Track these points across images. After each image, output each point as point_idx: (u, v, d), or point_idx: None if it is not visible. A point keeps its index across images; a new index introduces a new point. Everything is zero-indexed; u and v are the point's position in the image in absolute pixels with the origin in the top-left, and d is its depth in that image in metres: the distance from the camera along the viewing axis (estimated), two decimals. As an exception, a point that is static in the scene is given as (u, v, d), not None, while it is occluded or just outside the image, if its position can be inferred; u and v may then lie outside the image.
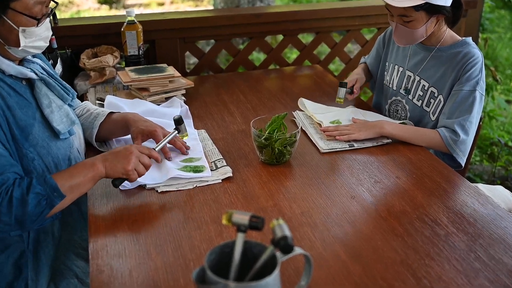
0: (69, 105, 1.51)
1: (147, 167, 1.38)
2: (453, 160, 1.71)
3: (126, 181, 1.38)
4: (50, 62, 2.01)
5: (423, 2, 1.61)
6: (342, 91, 1.95)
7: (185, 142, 1.63)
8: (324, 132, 1.75)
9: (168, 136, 1.52)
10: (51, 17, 2.18)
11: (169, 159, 1.54)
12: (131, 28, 2.16)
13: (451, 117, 1.71)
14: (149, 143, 1.60)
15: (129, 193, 1.42)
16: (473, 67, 1.70)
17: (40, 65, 1.45)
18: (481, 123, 1.83)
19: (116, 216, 1.33)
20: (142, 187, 1.44)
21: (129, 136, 1.60)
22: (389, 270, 1.14)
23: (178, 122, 1.56)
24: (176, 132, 1.55)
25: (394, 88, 1.96)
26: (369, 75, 2.13)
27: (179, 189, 1.44)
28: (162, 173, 1.48)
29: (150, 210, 1.36)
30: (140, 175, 1.37)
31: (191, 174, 1.48)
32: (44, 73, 1.43)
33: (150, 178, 1.44)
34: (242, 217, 0.95)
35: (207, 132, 1.79)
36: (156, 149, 1.46)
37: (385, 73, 2.03)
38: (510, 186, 2.92)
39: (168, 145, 1.56)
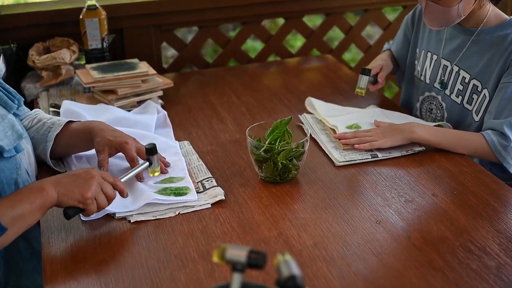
0: (15, 115, 1.51)
1: (109, 199, 1.38)
2: (504, 171, 1.71)
3: (82, 213, 1.37)
4: (-10, 60, 2.02)
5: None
6: (364, 80, 1.96)
7: (164, 158, 1.63)
8: (339, 140, 1.75)
9: (137, 168, 1.51)
10: (-9, 4, 2.20)
11: (141, 180, 1.54)
12: (92, 14, 2.17)
13: (499, 116, 1.71)
14: (116, 160, 1.59)
15: (94, 224, 1.42)
16: (524, 53, 1.71)
17: (-23, 65, 1.45)
18: (537, 123, 1.83)
19: (79, 254, 1.32)
20: (110, 216, 1.44)
21: (93, 151, 1.60)
22: (428, 315, 1.14)
23: (151, 152, 1.53)
24: (147, 164, 1.53)
25: (427, 81, 1.97)
26: (395, 66, 2.13)
27: (158, 217, 1.44)
28: (135, 198, 1.47)
29: (121, 246, 1.35)
30: (99, 209, 1.37)
31: (173, 198, 1.48)
32: (-17, 75, 1.43)
33: (120, 205, 1.44)
34: (238, 253, 0.95)
35: (191, 144, 1.79)
36: (122, 180, 1.45)
37: (416, 62, 2.03)
38: None
39: (141, 161, 1.56)
